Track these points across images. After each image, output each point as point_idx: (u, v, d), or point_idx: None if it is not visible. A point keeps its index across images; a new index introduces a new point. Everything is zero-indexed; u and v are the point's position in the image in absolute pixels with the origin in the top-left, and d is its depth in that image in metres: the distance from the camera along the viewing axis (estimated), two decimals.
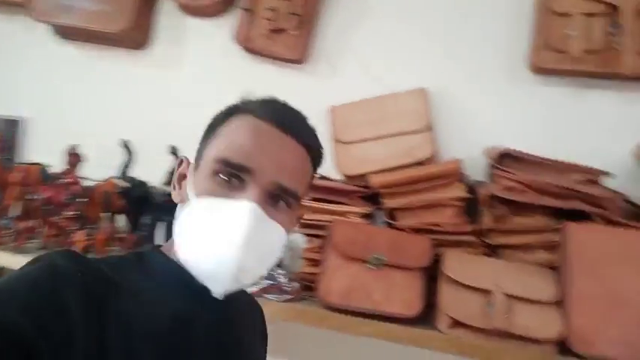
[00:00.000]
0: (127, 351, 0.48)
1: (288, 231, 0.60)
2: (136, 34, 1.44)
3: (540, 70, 1.12)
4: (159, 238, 1.15)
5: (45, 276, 0.47)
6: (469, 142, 1.17)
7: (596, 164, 1.01)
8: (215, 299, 0.56)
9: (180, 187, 0.62)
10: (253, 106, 0.59)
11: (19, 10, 1.49)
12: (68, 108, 1.50)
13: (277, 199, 0.57)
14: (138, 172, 1.23)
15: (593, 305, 0.81)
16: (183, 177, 0.62)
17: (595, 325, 0.80)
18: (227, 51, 1.37)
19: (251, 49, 1.34)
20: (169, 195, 1.10)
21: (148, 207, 1.17)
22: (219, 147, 0.57)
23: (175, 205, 1.13)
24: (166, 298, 0.55)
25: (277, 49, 1.30)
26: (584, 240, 0.86)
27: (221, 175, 0.55)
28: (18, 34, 1.56)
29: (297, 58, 1.30)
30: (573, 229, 0.88)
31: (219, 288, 0.55)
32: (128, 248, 1.08)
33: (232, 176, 0.55)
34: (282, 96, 0.63)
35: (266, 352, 0.74)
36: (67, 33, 1.50)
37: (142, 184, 1.19)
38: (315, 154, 0.62)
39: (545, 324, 0.83)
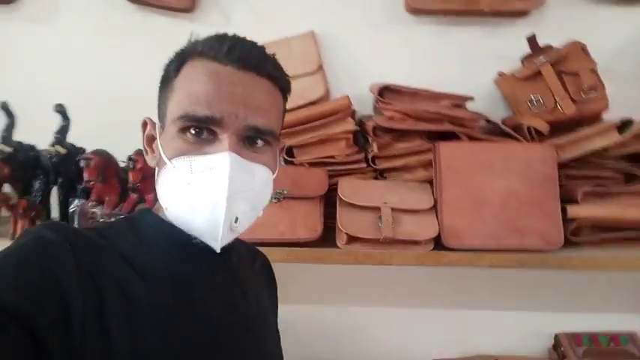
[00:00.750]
0: (128, 319, 0.47)
1: (274, 168, 0.59)
2: None
3: (415, 10, 1.24)
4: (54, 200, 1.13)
5: (32, 251, 0.46)
6: (357, 79, 1.27)
7: (463, 91, 1.18)
8: (214, 255, 0.55)
9: (152, 150, 0.60)
10: (204, 48, 0.55)
11: None
12: None
13: (254, 140, 0.56)
14: (22, 136, 1.17)
15: (460, 207, 0.98)
16: (151, 139, 0.60)
17: (462, 222, 0.97)
18: (110, 2, 1.31)
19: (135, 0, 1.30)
20: (57, 156, 1.09)
21: (37, 171, 1.13)
22: (179, 102, 0.54)
23: (65, 164, 1.12)
24: (164, 261, 0.54)
25: None
26: (450, 155, 1.02)
27: (191, 132, 0.53)
28: None
29: (185, 7, 1.29)
30: (442, 147, 1.03)
31: (215, 242, 0.54)
32: (21, 215, 1.04)
33: (202, 130, 0.53)
34: (174, 46, 0.60)
35: (276, 298, 0.76)
36: None
37: (30, 148, 1.14)
38: (282, 83, 0.60)
39: (424, 228, 0.98)
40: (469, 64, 1.27)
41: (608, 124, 1.01)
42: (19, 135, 1.17)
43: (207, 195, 0.52)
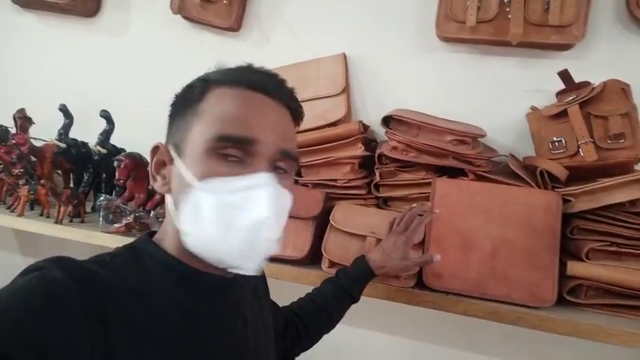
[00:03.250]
0: (135, 356, 0.47)
1: (292, 195, 0.60)
2: (85, 3, 1.58)
3: (446, 38, 1.24)
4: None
5: (37, 292, 0.45)
6: (384, 104, 1.30)
7: (492, 123, 1.16)
8: (220, 289, 0.58)
9: (161, 177, 0.60)
10: (231, 77, 0.58)
11: None
12: (24, 73, 1.67)
13: (280, 166, 0.57)
14: (80, 135, 1.39)
15: (447, 247, 0.96)
16: (161, 164, 0.60)
17: (446, 263, 0.95)
18: (169, 19, 1.50)
19: (188, 18, 1.47)
20: (101, 154, 1.28)
21: (88, 165, 1.35)
22: (211, 124, 0.54)
23: (106, 163, 1.30)
24: (171, 296, 0.54)
25: (211, 18, 1.43)
26: (445, 192, 1.01)
27: (226, 152, 0.53)
28: None
29: (230, 26, 1.43)
30: (439, 182, 1.02)
31: (251, 267, 0.55)
32: (63, 202, 1.24)
33: (238, 151, 0.54)
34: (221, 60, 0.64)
35: (268, 303, 0.78)
36: (25, 2, 1.65)
37: (82, 145, 1.36)
38: (297, 114, 0.63)
39: None
40: (501, 96, 1.23)
41: (632, 176, 0.92)
42: (84, 134, 1.39)
43: (247, 214, 0.52)
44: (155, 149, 0.61)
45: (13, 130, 1.41)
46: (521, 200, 0.97)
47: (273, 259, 1.05)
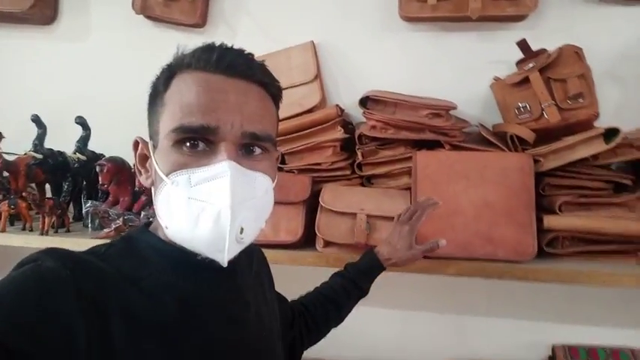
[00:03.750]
0: (133, 341, 0.47)
1: (273, 176, 0.60)
2: (43, 11, 1.54)
3: (409, 18, 1.30)
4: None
5: (31, 281, 0.45)
6: (355, 87, 1.34)
7: (460, 96, 1.23)
8: (217, 272, 0.56)
9: (146, 170, 0.60)
10: (191, 60, 0.56)
11: None
12: None
13: (252, 148, 0.56)
14: (53, 144, 1.37)
15: (433, 215, 1.02)
16: (144, 158, 0.60)
17: (433, 231, 1.02)
18: (131, 20, 1.49)
19: (152, 17, 1.46)
20: (79, 162, 1.27)
21: (67, 174, 1.34)
22: (172, 115, 0.54)
23: (85, 170, 1.29)
24: (167, 280, 0.54)
25: (175, 16, 1.43)
26: (426, 164, 1.07)
27: (187, 144, 0.53)
28: None
29: (195, 23, 1.44)
30: (419, 155, 1.08)
31: (222, 255, 0.53)
32: (47, 213, 1.23)
33: (198, 141, 0.53)
34: None
35: (271, 275, 0.79)
36: None
37: (59, 154, 1.34)
38: (272, 89, 0.60)
39: None
40: (465, 70, 1.30)
41: (592, 132, 1.01)
42: (58, 143, 1.37)
43: (209, 206, 0.52)
44: (136, 144, 0.61)
45: None
46: (496, 164, 1.04)
47: (270, 246, 1.09)
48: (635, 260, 1.00)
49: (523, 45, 1.15)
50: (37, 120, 1.30)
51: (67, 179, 1.34)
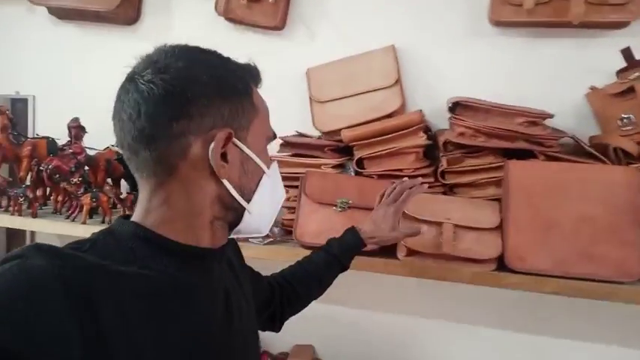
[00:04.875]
0: (126, 334, 0.48)
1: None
2: (127, 11, 1.61)
3: (499, 23, 1.26)
4: None
5: (18, 280, 0.44)
6: (436, 93, 1.32)
7: (552, 106, 1.17)
8: (208, 261, 0.60)
9: (227, 162, 0.58)
10: (253, 75, 0.65)
11: None
12: (69, 84, 1.70)
13: None
14: None
15: (527, 228, 0.98)
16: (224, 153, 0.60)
17: (528, 244, 0.97)
18: (211, 22, 1.53)
19: (232, 19, 1.50)
20: None
21: None
22: (264, 122, 0.64)
23: None
24: (160, 269, 0.55)
25: (256, 18, 1.46)
26: (520, 174, 1.02)
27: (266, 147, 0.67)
28: (19, 18, 1.75)
29: (275, 25, 1.46)
30: (512, 165, 1.04)
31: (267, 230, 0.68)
32: (128, 207, 1.27)
33: None
34: (265, 61, 0.68)
35: (245, 270, 0.81)
36: (63, 14, 1.69)
37: None
38: None
39: (486, 246, 1.00)
40: (558, 78, 1.25)
41: None
42: None
43: (281, 191, 0.71)
44: (229, 137, 0.58)
45: (59, 142, 1.45)
46: (599, 177, 0.99)
47: None
48: None
49: (627, 53, 1.09)
50: None
51: None
